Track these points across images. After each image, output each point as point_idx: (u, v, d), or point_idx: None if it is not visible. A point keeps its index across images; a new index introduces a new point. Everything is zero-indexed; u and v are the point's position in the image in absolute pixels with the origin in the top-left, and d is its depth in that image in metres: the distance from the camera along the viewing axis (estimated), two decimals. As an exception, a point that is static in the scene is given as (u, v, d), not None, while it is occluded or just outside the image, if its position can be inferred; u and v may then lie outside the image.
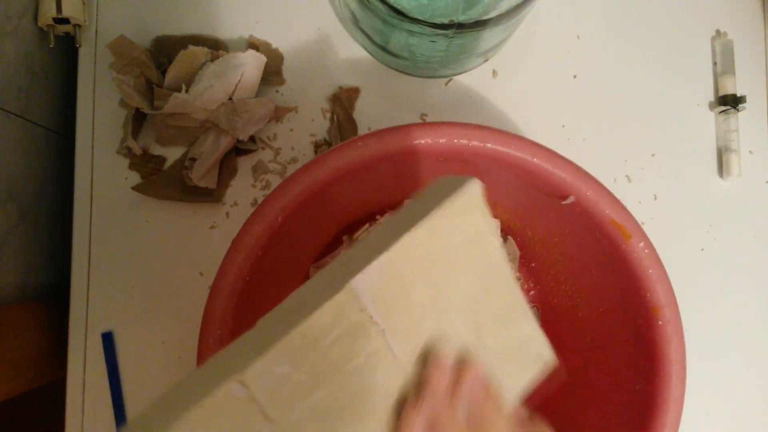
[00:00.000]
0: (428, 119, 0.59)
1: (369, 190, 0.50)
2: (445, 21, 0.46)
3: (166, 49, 0.56)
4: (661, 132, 0.61)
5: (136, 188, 0.54)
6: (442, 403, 0.30)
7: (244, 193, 0.57)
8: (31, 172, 0.55)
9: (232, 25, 0.58)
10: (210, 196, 0.55)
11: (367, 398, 0.29)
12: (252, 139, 0.56)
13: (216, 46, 0.56)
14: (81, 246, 0.55)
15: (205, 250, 0.56)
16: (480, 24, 0.47)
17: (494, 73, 0.60)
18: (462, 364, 0.32)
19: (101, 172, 0.56)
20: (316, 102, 0.58)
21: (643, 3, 0.62)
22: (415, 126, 0.42)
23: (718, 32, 0.62)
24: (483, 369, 0.32)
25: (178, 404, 0.25)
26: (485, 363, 0.33)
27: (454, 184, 0.32)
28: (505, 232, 0.56)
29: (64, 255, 0.58)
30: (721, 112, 0.61)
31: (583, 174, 0.43)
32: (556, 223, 0.49)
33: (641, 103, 0.61)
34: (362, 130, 0.58)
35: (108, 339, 0.54)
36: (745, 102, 0.60)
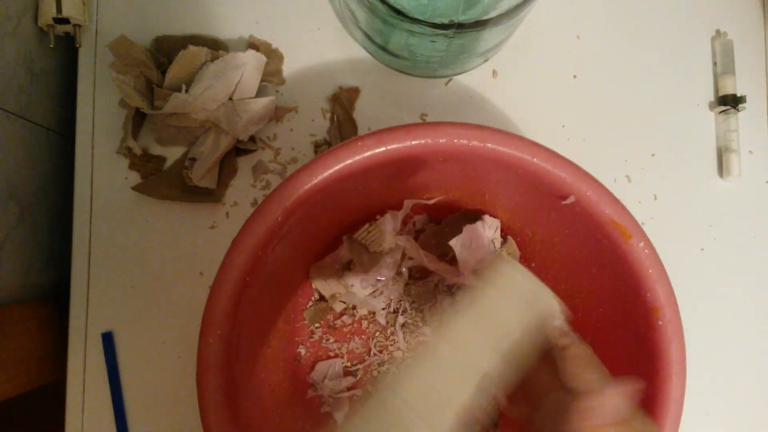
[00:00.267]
0: (428, 119, 0.59)
1: (369, 190, 0.50)
2: (445, 21, 0.46)
3: (166, 49, 0.56)
4: (661, 132, 0.61)
5: (136, 188, 0.54)
6: None
7: (244, 193, 0.57)
8: (31, 172, 0.55)
9: (232, 25, 0.58)
10: (210, 196, 0.55)
11: None
12: (252, 139, 0.56)
13: (216, 46, 0.56)
14: (81, 246, 0.55)
15: (205, 250, 0.56)
16: (480, 24, 0.47)
17: (494, 73, 0.60)
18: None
19: (101, 172, 0.56)
20: (316, 102, 0.58)
21: (643, 3, 0.62)
22: (415, 126, 0.42)
23: (718, 32, 0.62)
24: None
25: None
26: None
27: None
28: (505, 232, 0.56)
29: (64, 255, 0.58)
30: (721, 112, 0.61)
31: (583, 174, 0.43)
32: (556, 223, 0.49)
33: (641, 103, 0.61)
34: (362, 130, 0.58)
35: (108, 339, 0.54)
36: (745, 102, 0.60)
